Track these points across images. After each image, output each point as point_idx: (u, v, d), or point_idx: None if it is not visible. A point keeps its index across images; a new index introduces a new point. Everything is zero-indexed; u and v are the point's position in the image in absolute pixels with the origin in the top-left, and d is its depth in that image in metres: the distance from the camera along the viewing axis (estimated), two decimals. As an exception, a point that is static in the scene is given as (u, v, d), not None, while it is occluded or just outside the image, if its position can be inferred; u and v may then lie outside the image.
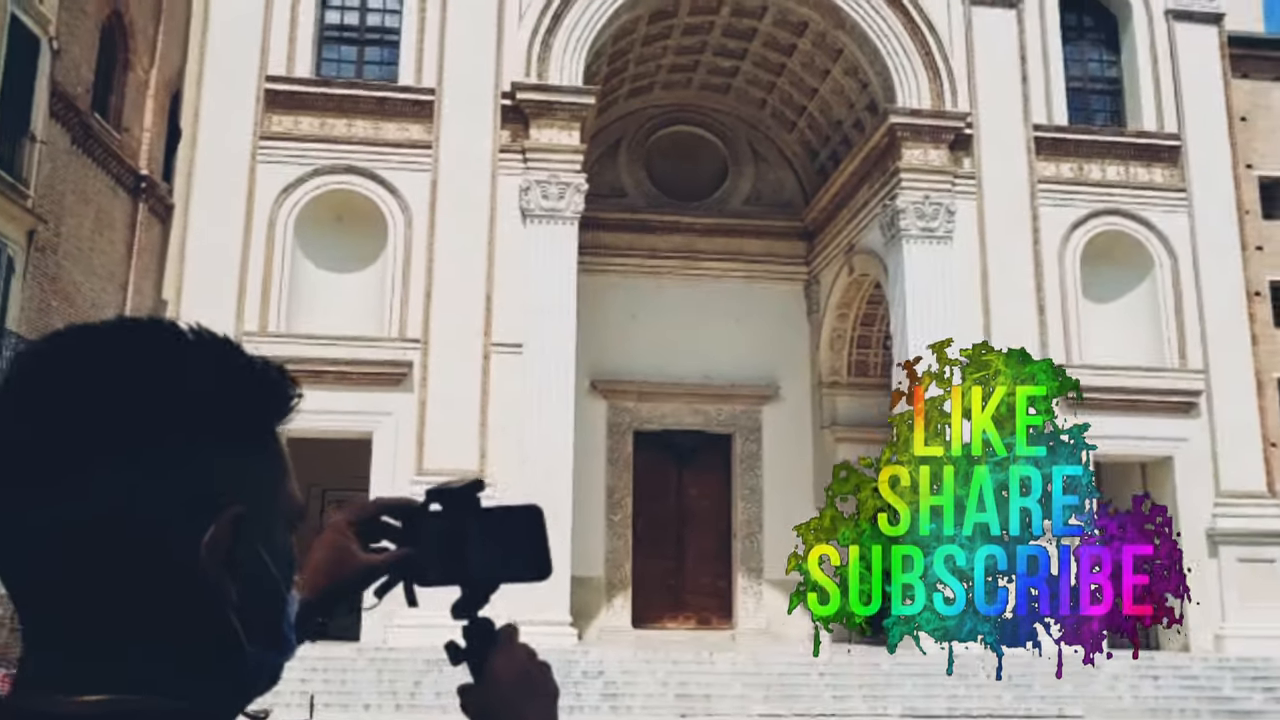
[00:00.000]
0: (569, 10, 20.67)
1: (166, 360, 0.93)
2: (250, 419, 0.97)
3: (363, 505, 1.23)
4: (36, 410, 0.90)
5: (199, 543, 0.89)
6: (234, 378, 0.96)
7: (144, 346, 0.94)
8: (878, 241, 22.05)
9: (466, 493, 1.21)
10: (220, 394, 0.94)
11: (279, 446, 1.01)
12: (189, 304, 19.05)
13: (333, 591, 1.19)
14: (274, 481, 0.99)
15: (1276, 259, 26.21)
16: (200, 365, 0.94)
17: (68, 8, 16.42)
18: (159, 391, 0.91)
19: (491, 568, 1.20)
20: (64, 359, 0.91)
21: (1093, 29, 22.94)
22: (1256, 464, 20.87)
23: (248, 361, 0.98)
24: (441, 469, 18.70)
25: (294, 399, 1.01)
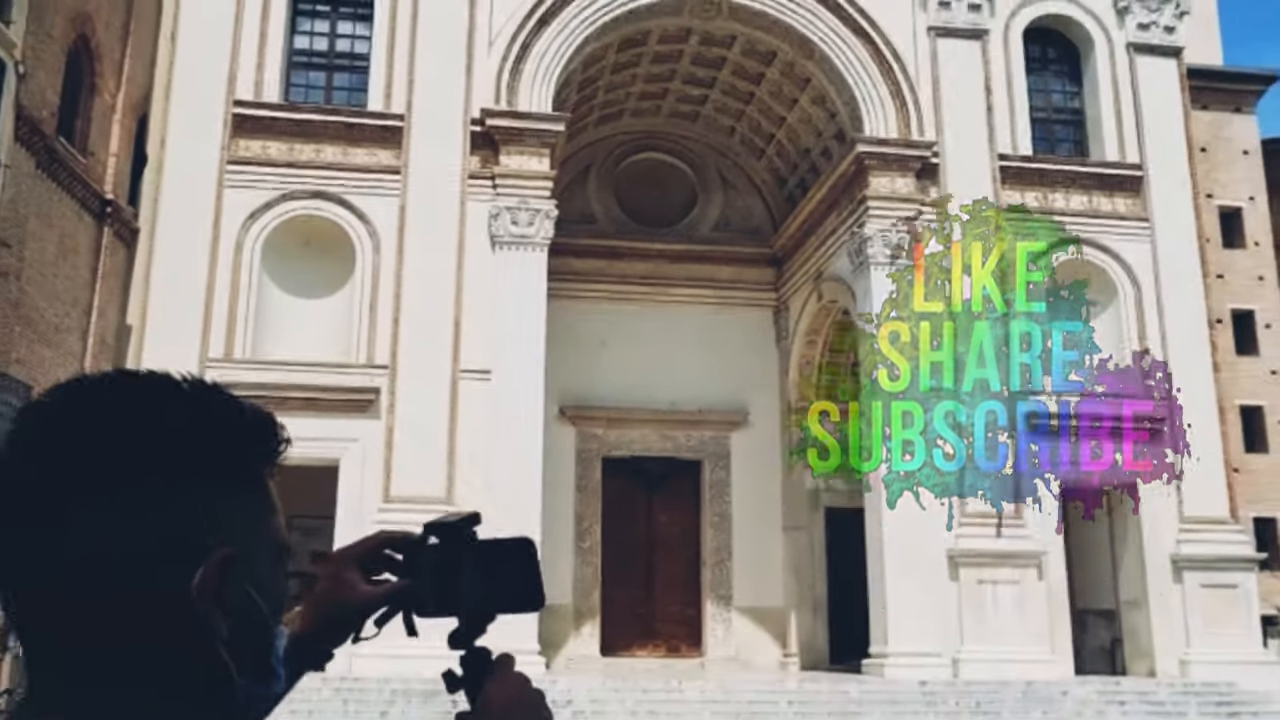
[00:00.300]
0: (539, 38, 20.76)
1: (155, 407, 1.00)
2: (238, 462, 1.04)
3: (366, 538, 1.29)
4: (35, 455, 0.98)
5: (188, 581, 0.95)
6: (222, 423, 1.03)
7: (136, 396, 1.02)
8: (846, 269, 22.19)
9: (462, 526, 1.27)
10: (208, 439, 1.01)
11: (267, 488, 1.09)
12: (154, 329, 18.86)
13: (335, 622, 1.25)
14: (262, 521, 1.07)
15: (1237, 287, 26.67)
16: (188, 411, 1.01)
17: (34, 31, 16.29)
18: (146, 437, 0.98)
19: (486, 599, 1.24)
20: (62, 408, 1.00)
21: (1056, 61, 23.28)
22: (1219, 490, 21.08)
23: (237, 407, 1.05)
24: (409, 496, 18.58)
25: (282, 443, 1.10)
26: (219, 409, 1.04)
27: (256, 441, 1.07)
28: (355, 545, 1.29)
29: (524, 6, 20.73)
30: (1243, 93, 28.28)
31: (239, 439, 1.05)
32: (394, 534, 1.30)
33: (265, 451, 1.09)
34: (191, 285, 18.96)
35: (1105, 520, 21.84)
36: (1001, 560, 19.91)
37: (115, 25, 19.09)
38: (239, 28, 20.10)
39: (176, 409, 1.01)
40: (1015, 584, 19.88)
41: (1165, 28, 22.83)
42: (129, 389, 1.02)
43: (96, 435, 0.97)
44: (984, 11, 22.29)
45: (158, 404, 1.01)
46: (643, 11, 21.64)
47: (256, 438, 1.07)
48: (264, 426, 1.08)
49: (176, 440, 0.99)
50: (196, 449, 1.00)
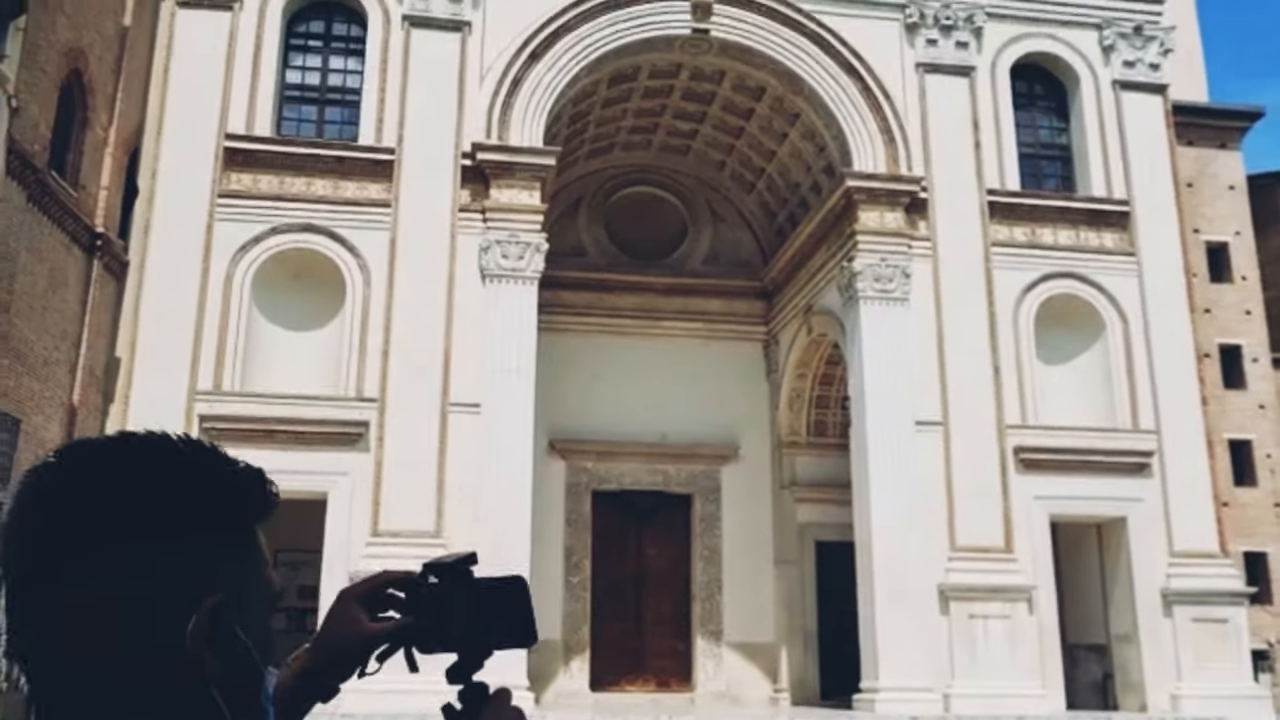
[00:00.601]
0: (530, 73, 20.90)
1: (155, 469, 1.10)
2: (231, 518, 1.15)
3: (370, 578, 1.39)
4: (44, 513, 1.08)
5: (184, 627, 1.05)
6: (216, 483, 1.13)
7: (137, 457, 1.11)
8: (835, 302, 22.27)
9: (459, 565, 1.34)
10: (204, 498, 1.12)
11: (258, 540, 1.19)
12: (143, 362, 18.81)
13: (342, 657, 1.35)
14: (253, 571, 1.17)
15: (1224, 322, 26.85)
16: (185, 472, 1.11)
17: (28, 66, 16.36)
18: (146, 496, 1.08)
19: (481, 635, 1.32)
20: (69, 470, 1.10)
21: (1043, 97, 23.50)
22: (1208, 524, 21.09)
23: (230, 467, 1.16)
24: (397, 530, 18.49)
25: (272, 500, 1.21)
26: (214, 469, 1.14)
27: (249, 499, 1.17)
28: (360, 584, 1.38)
29: (515, 42, 20.89)
30: (1228, 129, 28.59)
31: (232, 497, 1.15)
32: (396, 573, 1.37)
33: (257, 507, 1.19)
34: (181, 318, 18.94)
35: (1096, 554, 21.85)
36: (992, 594, 19.86)
37: (108, 60, 19.18)
38: (231, 62, 20.20)
39: (174, 470, 1.11)
40: (1006, 619, 19.82)
41: (1150, 65, 23.09)
42: (131, 451, 1.12)
43: (101, 495, 1.08)
44: (971, 49, 22.52)
45: (157, 465, 1.11)
46: (633, 47, 21.81)
47: (249, 495, 1.18)
48: (256, 485, 1.19)
49: (174, 499, 1.09)
50: (193, 507, 1.10)
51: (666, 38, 21.86)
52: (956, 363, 20.86)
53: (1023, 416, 20.84)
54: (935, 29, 22.35)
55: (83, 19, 18.18)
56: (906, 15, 22.36)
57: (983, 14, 22.61)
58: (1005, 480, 20.51)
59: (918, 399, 20.55)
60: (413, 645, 1.34)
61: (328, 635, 1.35)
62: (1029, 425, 20.85)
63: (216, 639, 1.06)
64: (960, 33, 22.42)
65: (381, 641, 1.34)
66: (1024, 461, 20.67)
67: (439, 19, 20.81)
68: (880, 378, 20.52)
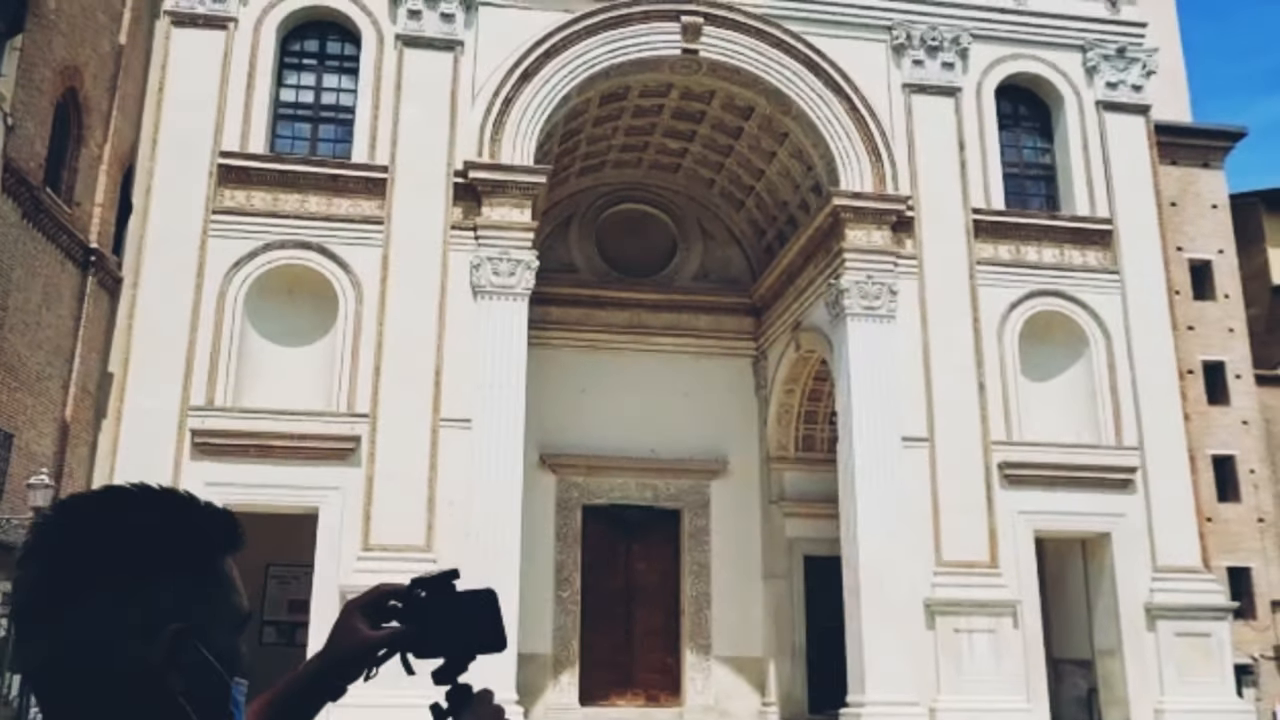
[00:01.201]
0: (522, 92, 21.14)
1: (133, 520, 1.34)
2: (200, 558, 1.37)
3: (370, 590, 1.59)
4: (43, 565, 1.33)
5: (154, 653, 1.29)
6: (186, 528, 1.37)
7: (117, 510, 1.35)
8: (823, 319, 22.51)
9: (443, 580, 1.55)
10: (175, 543, 1.35)
11: (225, 572, 1.40)
12: (135, 377, 18.94)
13: (347, 660, 1.54)
14: (220, 600, 1.39)
15: (1207, 338, 27.14)
16: (160, 521, 1.35)
17: (24, 84, 16.55)
18: (125, 545, 1.33)
19: (458, 642, 1.52)
20: (60, 526, 1.35)
21: (1028, 117, 23.82)
22: (1191, 539, 21.31)
23: (202, 512, 1.39)
24: (388, 545, 18.62)
25: (238, 537, 1.42)
26: (185, 516, 1.37)
27: (216, 540, 1.40)
28: (362, 596, 1.58)
29: (507, 62, 21.13)
30: (1211, 148, 28.95)
31: (201, 540, 1.38)
32: (394, 586, 1.57)
33: (224, 546, 1.41)
34: (174, 333, 19.08)
35: (1080, 569, 22.06)
36: (977, 609, 20.05)
37: (104, 78, 19.37)
38: (226, 80, 20.40)
39: (150, 519, 1.35)
40: (991, 633, 20.01)
41: (1133, 86, 23.42)
42: (112, 506, 1.36)
43: (89, 548, 1.32)
44: (957, 69, 22.84)
45: (134, 518, 1.34)
46: (624, 68, 22.08)
47: (216, 537, 1.40)
48: (223, 527, 1.41)
49: (149, 546, 1.33)
50: (165, 551, 1.34)
51: (657, 58, 22.13)
52: (942, 379, 21.09)
53: (1008, 432, 21.08)
54: (921, 50, 22.66)
55: (79, 38, 18.39)
56: (893, 37, 22.67)
57: (968, 36, 22.93)
58: (990, 496, 20.73)
59: (904, 415, 20.78)
60: (407, 651, 1.54)
61: (334, 642, 1.55)
62: (1014, 441, 21.09)
63: (182, 659, 1.30)
64: (946, 54, 22.74)
65: (380, 647, 1.53)
66: (1009, 477, 20.89)
67: (432, 39, 21.05)
68: (867, 394, 20.74)
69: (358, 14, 21.16)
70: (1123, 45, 23.53)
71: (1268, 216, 30.35)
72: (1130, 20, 23.82)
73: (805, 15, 22.41)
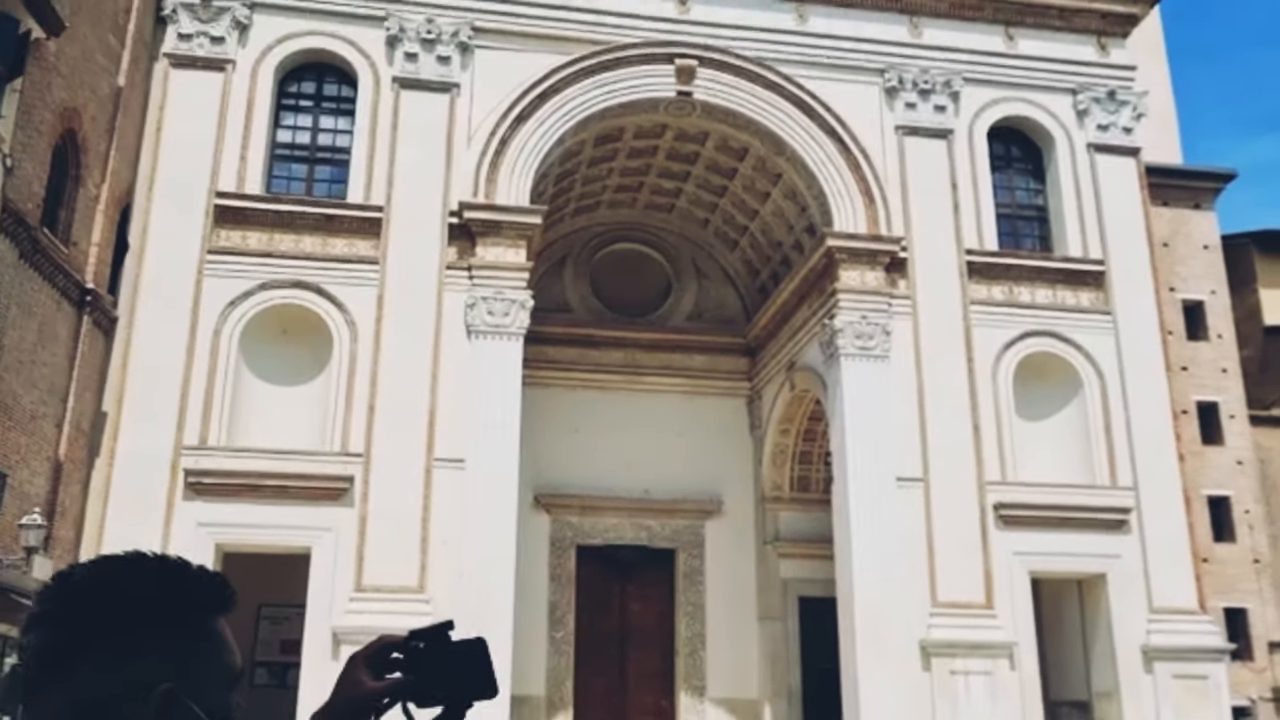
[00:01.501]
0: (517, 133, 21.30)
1: (127, 586, 1.46)
2: (191, 619, 1.47)
3: (372, 642, 1.67)
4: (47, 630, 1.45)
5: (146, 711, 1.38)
6: (178, 592, 1.47)
7: (114, 578, 1.47)
8: (817, 359, 22.56)
9: (439, 631, 1.63)
10: (167, 606, 1.45)
11: (217, 631, 1.51)
12: (129, 416, 18.92)
13: (350, 711, 1.59)
14: (212, 659, 1.48)
15: (1201, 379, 27.20)
16: (153, 586, 1.46)
17: (23, 126, 16.65)
18: (120, 610, 1.43)
19: (455, 691, 1.60)
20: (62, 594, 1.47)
21: (1020, 159, 24.02)
22: (1187, 580, 21.25)
23: (193, 576, 1.50)
24: (380, 586, 18.53)
25: (228, 598, 1.52)
26: (176, 581, 1.48)
27: (206, 602, 1.50)
28: (365, 648, 1.66)
29: (503, 103, 21.31)
30: (1201, 190, 29.19)
31: (192, 602, 1.48)
32: (394, 637, 1.65)
33: (215, 607, 1.51)
34: (168, 372, 19.08)
35: (1077, 610, 21.98)
36: (974, 650, 19.95)
37: (102, 119, 19.50)
38: (223, 121, 20.55)
39: (142, 586, 1.46)
40: (988, 674, 19.90)
41: (1123, 128, 23.64)
42: (108, 575, 1.47)
43: (85, 613, 1.43)
44: (949, 112, 23.05)
45: (128, 584, 1.46)
46: (619, 109, 22.27)
47: (207, 600, 1.50)
48: (213, 589, 1.51)
49: (141, 611, 1.43)
50: (158, 615, 1.44)
51: (651, 100, 22.33)
52: (937, 419, 21.11)
53: (1002, 473, 21.07)
54: (914, 93, 22.89)
55: (78, 80, 18.53)
56: (886, 79, 22.90)
57: (960, 79, 23.17)
58: (985, 536, 20.69)
59: (899, 455, 20.77)
60: (407, 700, 1.61)
61: (339, 693, 1.61)
62: (1008, 482, 21.08)
63: (173, 716, 1.39)
64: (938, 97, 22.96)
65: (382, 696, 1.59)
66: (1004, 518, 20.86)
67: (428, 81, 21.24)
68: (861, 434, 20.74)
69: (355, 56, 21.36)
70: (1113, 88, 23.78)
71: (1260, 257, 30.54)
72: (1120, 64, 24.09)
73: (798, 58, 22.65)
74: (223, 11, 20.90)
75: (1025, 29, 23.82)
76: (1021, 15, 23.77)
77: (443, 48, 21.30)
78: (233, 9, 20.91)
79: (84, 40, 18.65)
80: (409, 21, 21.34)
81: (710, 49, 22.29)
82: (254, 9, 21.06)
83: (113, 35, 19.77)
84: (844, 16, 23.06)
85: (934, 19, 23.41)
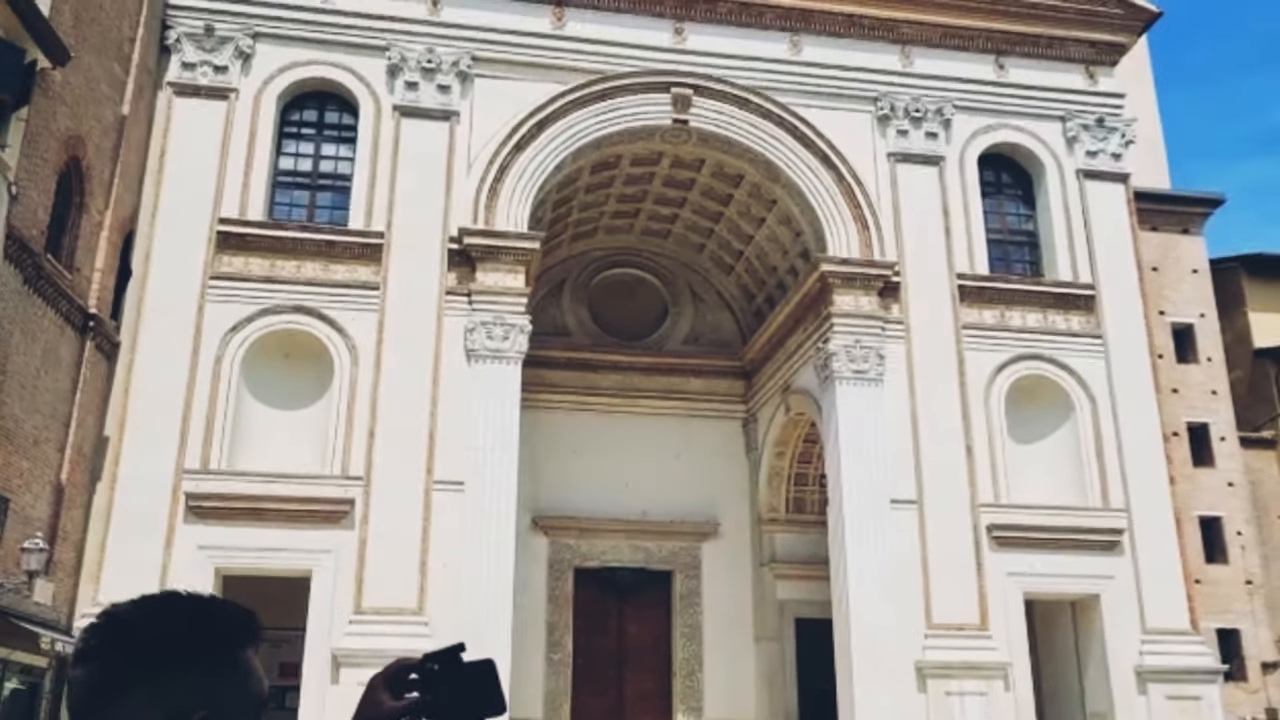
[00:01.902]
0: (516, 161, 21.59)
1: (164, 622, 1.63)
2: (223, 651, 1.66)
3: (391, 664, 1.78)
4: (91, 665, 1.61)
5: None
6: (211, 627, 1.65)
7: (152, 614, 1.64)
8: (812, 382, 22.80)
9: (451, 653, 1.76)
10: (201, 640, 1.63)
11: (245, 662, 1.67)
12: (131, 440, 19.07)
13: None
14: (240, 686, 1.65)
15: (1191, 401, 27.47)
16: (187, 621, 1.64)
17: (28, 154, 16.89)
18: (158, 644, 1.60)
19: (467, 709, 1.72)
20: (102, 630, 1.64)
21: (1010, 185, 24.37)
22: (1179, 601, 21.44)
23: (223, 612, 1.69)
24: (380, 608, 18.66)
25: (256, 632, 1.72)
26: (209, 617, 1.65)
27: (237, 635, 1.67)
28: (384, 670, 1.78)
29: (502, 131, 21.62)
30: (1190, 214, 29.55)
31: (224, 636, 1.65)
32: (410, 659, 1.78)
33: (244, 640, 1.68)
34: (170, 397, 19.25)
35: (1070, 631, 22.14)
36: (969, 672, 20.09)
37: (106, 147, 19.76)
38: (226, 148, 20.80)
39: (178, 622, 1.63)
40: (983, 695, 20.03)
41: (1112, 155, 24.01)
42: (147, 610, 1.64)
43: (127, 648, 1.60)
44: (940, 139, 23.41)
45: (165, 620, 1.63)
46: (616, 137, 22.59)
47: (236, 634, 1.67)
48: (240, 623, 1.70)
49: (179, 645, 1.60)
50: (193, 649, 1.60)
51: (648, 128, 22.65)
52: (930, 442, 21.33)
53: (995, 495, 21.28)
54: (905, 120, 23.24)
55: (82, 108, 18.79)
56: (878, 108, 23.26)
57: (951, 106, 23.54)
58: (979, 558, 20.88)
59: (893, 478, 20.98)
60: (424, 717, 1.71)
61: (362, 712, 1.72)
62: (1002, 504, 21.28)
63: None
64: (929, 124, 23.32)
65: (401, 715, 1.70)
66: (997, 539, 21.06)
67: (428, 109, 21.54)
68: (856, 457, 20.95)
69: (356, 85, 21.66)
70: (1101, 115, 24.16)
71: (1248, 281, 30.88)
72: (1108, 91, 24.48)
73: (792, 87, 23.00)
74: (226, 41, 21.21)
75: (1015, 58, 24.23)
76: (1011, 45, 24.18)
77: (443, 77, 21.63)
78: (236, 39, 21.23)
79: (89, 69, 18.93)
80: (410, 51, 21.67)
81: (706, 78, 22.64)
82: (257, 39, 21.38)
83: (117, 64, 20.06)
84: (837, 46, 23.46)
85: (925, 48, 23.81)
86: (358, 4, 21.86)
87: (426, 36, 21.88)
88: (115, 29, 19.93)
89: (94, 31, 19.08)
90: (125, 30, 20.35)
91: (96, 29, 19.15)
